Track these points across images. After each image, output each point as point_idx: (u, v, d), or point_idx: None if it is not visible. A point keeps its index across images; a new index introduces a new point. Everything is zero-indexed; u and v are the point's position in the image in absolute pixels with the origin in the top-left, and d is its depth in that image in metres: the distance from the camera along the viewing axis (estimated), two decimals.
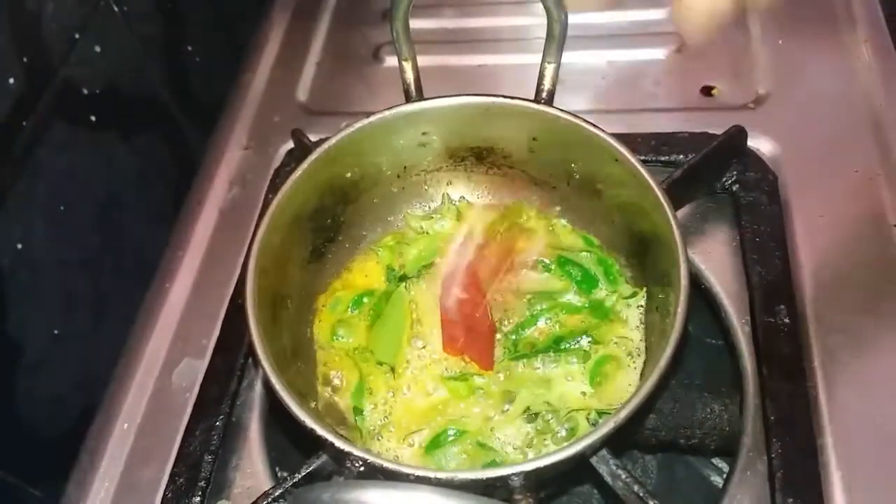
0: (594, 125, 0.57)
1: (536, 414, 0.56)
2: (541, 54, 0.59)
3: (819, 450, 0.54)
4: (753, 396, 0.57)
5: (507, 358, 0.59)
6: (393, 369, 0.59)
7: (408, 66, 0.61)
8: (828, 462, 0.54)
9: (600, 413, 0.55)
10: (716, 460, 0.73)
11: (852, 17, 0.79)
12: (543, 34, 0.58)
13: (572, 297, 0.61)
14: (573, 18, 0.57)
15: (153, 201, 0.78)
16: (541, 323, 0.60)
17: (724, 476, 0.72)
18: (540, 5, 0.56)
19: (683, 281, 0.50)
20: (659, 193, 0.54)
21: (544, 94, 0.59)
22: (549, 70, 0.58)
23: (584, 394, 0.57)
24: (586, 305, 0.61)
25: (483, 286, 0.61)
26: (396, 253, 0.66)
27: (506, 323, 0.61)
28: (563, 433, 0.55)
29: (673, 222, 0.52)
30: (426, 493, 0.43)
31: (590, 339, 0.58)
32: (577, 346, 0.58)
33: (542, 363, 0.58)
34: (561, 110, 0.58)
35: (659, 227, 0.54)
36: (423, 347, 0.61)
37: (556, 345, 0.59)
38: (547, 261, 0.63)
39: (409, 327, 0.61)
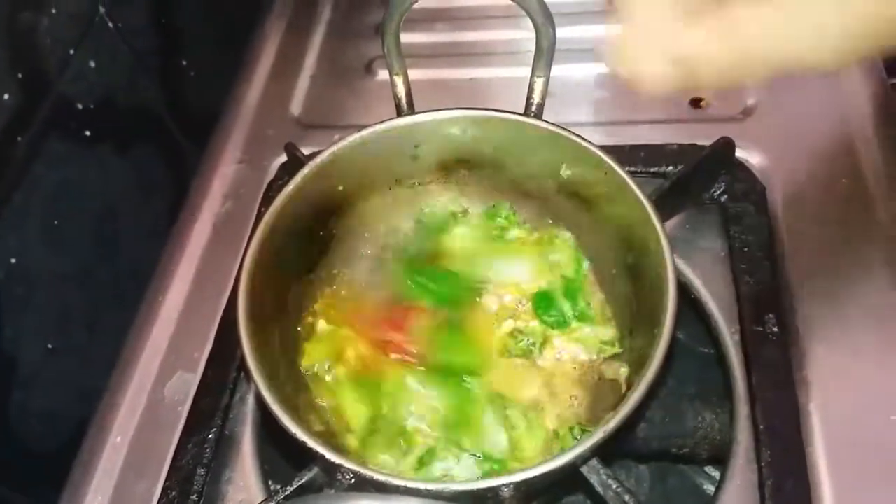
0: (582, 137, 0.58)
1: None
2: (531, 67, 0.60)
3: (808, 458, 0.54)
4: (743, 405, 0.58)
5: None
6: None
7: (399, 80, 0.61)
8: (817, 470, 0.54)
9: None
10: (708, 469, 0.73)
11: None
12: (534, 48, 0.59)
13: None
14: (564, 31, 0.58)
15: (147, 215, 0.79)
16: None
17: (716, 485, 0.73)
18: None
19: (671, 291, 0.51)
20: (646, 204, 0.54)
21: (534, 108, 0.59)
22: (539, 84, 0.59)
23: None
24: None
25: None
26: None
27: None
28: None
29: (660, 232, 0.53)
30: None
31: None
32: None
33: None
34: (550, 123, 0.59)
35: (648, 238, 0.55)
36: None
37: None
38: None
39: None
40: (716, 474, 0.73)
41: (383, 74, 0.87)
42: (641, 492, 0.70)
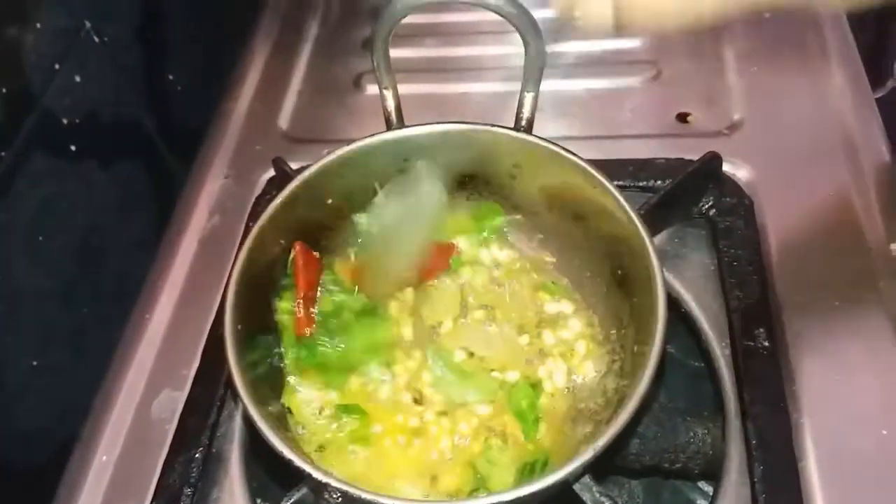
0: (572, 152, 0.58)
1: None
2: (521, 82, 0.60)
3: (801, 472, 0.54)
4: (735, 420, 0.58)
5: None
6: None
7: (389, 94, 0.61)
8: (810, 485, 0.54)
9: None
10: (702, 484, 0.73)
11: (824, 45, 0.81)
12: (523, 63, 0.59)
13: None
14: (552, 47, 0.58)
15: (133, 231, 0.78)
16: None
17: (709, 500, 0.72)
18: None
19: (661, 308, 0.50)
20: (635, 218, 0.54)
21: (523, 123, 0.59)
22: (528, 99, 0.59)
23: None
24: None
25: None
26: None
27: None
28: None
29: (649, 246, 0.53)
30: None
31: None
32: None
33: None
34: (540, 138, 0.59)
35: (637, 252, 0.55)
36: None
37: None
38: None
39: None
40: (708, 489, 0.73)
41: (371, 89, 0.87)
42: None
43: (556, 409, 0.59)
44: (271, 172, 0.76)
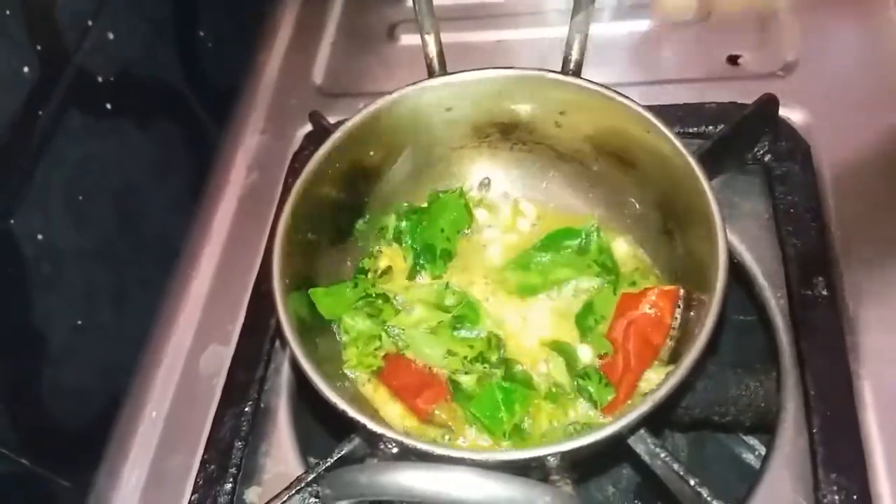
0: (625, 96, 0.56)
1: None
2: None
3: (861, 425, 0.53)
4: (791, 372, 0.56)
5: None
6: None
7: (431, 39, 0.59)
8: (870, 437, 0.52)
9: None
10: (748, 438, 0.72)
11: None
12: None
13: None
14: None
15: (172, 188, 0.77)
16: None
17: (756, 453, 0.71)
18: None
19: (721, 257, 0.49)
20: (693, 163, 0.52)
21: (572, 66, 0.57)
22: (578, 40, 0.56)
23: None
24: None
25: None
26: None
27: None
28: None
29: (709, 193, 0.51)
30: (462, 474, 0.42)
31: None
32: None
33: None
34: (591, 82, 0.57)
35: (692, 200, 0.53)
36: None
37: None
38: None
39: None
40: (753, 442, 0.72)
41: (406, 39, 0.85)
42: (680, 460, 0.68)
43: None
44: (308, 127, 0.75)
